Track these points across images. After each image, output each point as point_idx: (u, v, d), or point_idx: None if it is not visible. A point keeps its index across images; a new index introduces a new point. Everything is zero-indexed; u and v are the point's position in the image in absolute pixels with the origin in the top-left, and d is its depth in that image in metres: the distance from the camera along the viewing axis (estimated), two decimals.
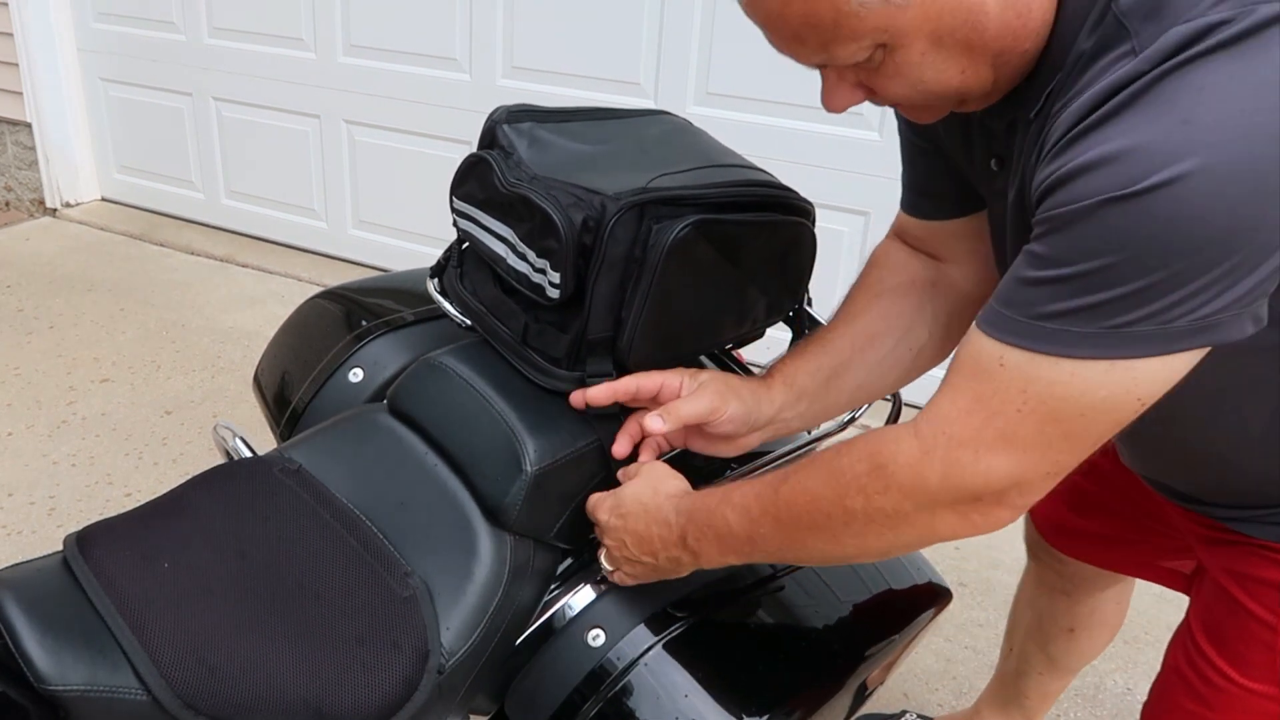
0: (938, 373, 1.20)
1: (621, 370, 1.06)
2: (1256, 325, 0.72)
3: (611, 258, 0.99)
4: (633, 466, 1.07)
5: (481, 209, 1.10)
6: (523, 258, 1.04)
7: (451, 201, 1.14)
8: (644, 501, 1.01)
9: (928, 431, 0.81)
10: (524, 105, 1.15)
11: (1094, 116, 0.71)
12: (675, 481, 1.03)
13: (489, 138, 1.12)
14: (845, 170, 2.74)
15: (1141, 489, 1.19)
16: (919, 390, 1.15)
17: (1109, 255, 0.69)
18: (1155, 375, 0.73)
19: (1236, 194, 0.65)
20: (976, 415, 0.78)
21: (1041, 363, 0.74)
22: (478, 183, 1.10)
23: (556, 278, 1.00)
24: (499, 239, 1.07)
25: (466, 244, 1.17)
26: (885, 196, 2.86)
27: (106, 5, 3.87)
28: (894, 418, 1.28)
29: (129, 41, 3.89)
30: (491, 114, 1.13)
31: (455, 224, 1.15)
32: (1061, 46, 0.78)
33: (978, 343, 0.79)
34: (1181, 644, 1.10)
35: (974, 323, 0.80)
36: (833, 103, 0.85)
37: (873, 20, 0.74)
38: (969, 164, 0.98)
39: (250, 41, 3.63)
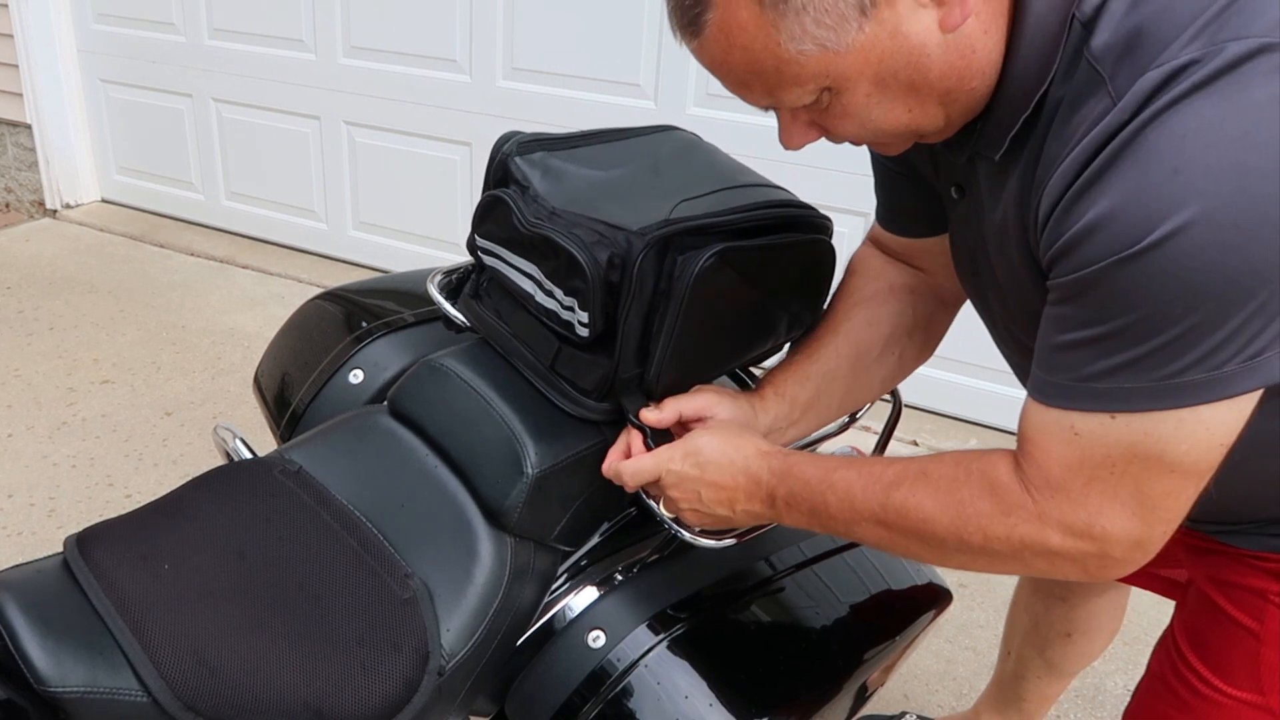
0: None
1: (648, 397, 1.06)
2: None
3: (639, 294, 0.99)
4: (645, 412, 1.05)
5: (504, 246, 1.09)
6: (550, 295, 1.04)
7: (474, 239, 1.14)
8: (728, 454, 0.98)
9: (1039, 494, 0.80)
10: (532, 135, 1.14)
11: (1086, 175, 0.71)
12: (753, 436, 1.02)
13: (501, 172, 1.12)
14: (844, 171, 2.73)
15: None
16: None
17: (1133, 312, 0.70)
18: (1225, 420, 0.73)
19: (1240, 236, 0.66)
20: (1078, 479, 0.78)
21: (1111, 426, 0.75)
22: (497, 222, 1.09)
23: (585, 317, 1.00)
24: (525, 275, 1.07)
25: (485, 269, 1.17)
26: None
27: (106, 7, 3.88)
28: (894, 417, 1.29)
29: (129, 43, 3.89)
30: (500, 146, 1.13)
31: (480, 261, 1.15)
32: (1021, 86, 0.78)
33: (1041, 415, 0.80)
34: (1165, 650, 1.11)
35: (1027, 396, 0.81)
36: (789, 141, 0.87)
37: (813, 66, 0.76)
38: (937, 185, 1.00)
39: (250, 43, 3.63)
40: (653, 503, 1.06)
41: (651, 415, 1.04)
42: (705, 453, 0.99)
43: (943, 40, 0.76)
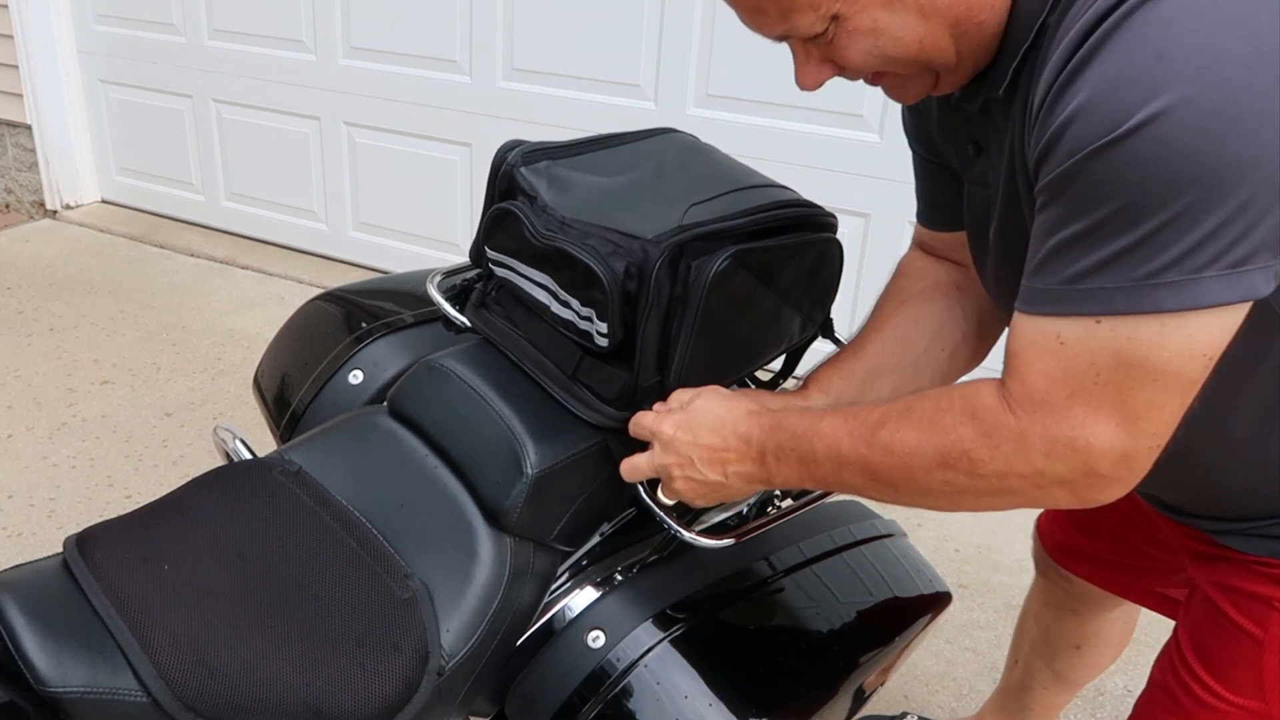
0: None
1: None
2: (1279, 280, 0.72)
3: (657, 302, 0.99)
4: (682, 392, 1.05)
5: (516, 258, 1.09)
6: (566, 305, 1.04)
7: (484, 252, 1.14)
8: (718, 414, 0.98)
9: (1022, 411, 0.79)
10: (535, 144, 1.14)
11: (1072, 64, 0.71)
12: (744, 398, 1.01)
13: (507, 183, 1.11)
14: (845, 172, 2.74)
15: (1140, 510, 1.19)
16: None
17: (1112, 202, 0.69)
18: (1209, 330, 0.72)
19: (1220, 125, 0.65)
20: (1061, 390, 0.77)
21: (1095, 331, 0.74)
22: (507, 234, 1.09)
23: (604, 327, 1.00)
24: (540, 287, 1.07)
25: (492, 277, 1.17)
26: (885, 198, 2.86)
27: (106, 7, 3.88)
28: None
29: (129, 43, 3.89)
30: (503, 156, 1.12)
31: (492, 272, 1.15)
32: (1025, 20, 0.78)
33: (1028, 324, 0.79)
34: (1168, 660, 1.11)
35: (1015, 308, 0.80)
36: (804, 79, 0.88)
37: None
38: (957, 157, 0.99)
39: (250, 43, 3.64)
40: (651, 503, 1.06)
41: None
42: (696, 417, 0.99)
43: None
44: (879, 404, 0.90)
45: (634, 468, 1.04)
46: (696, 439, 0.98)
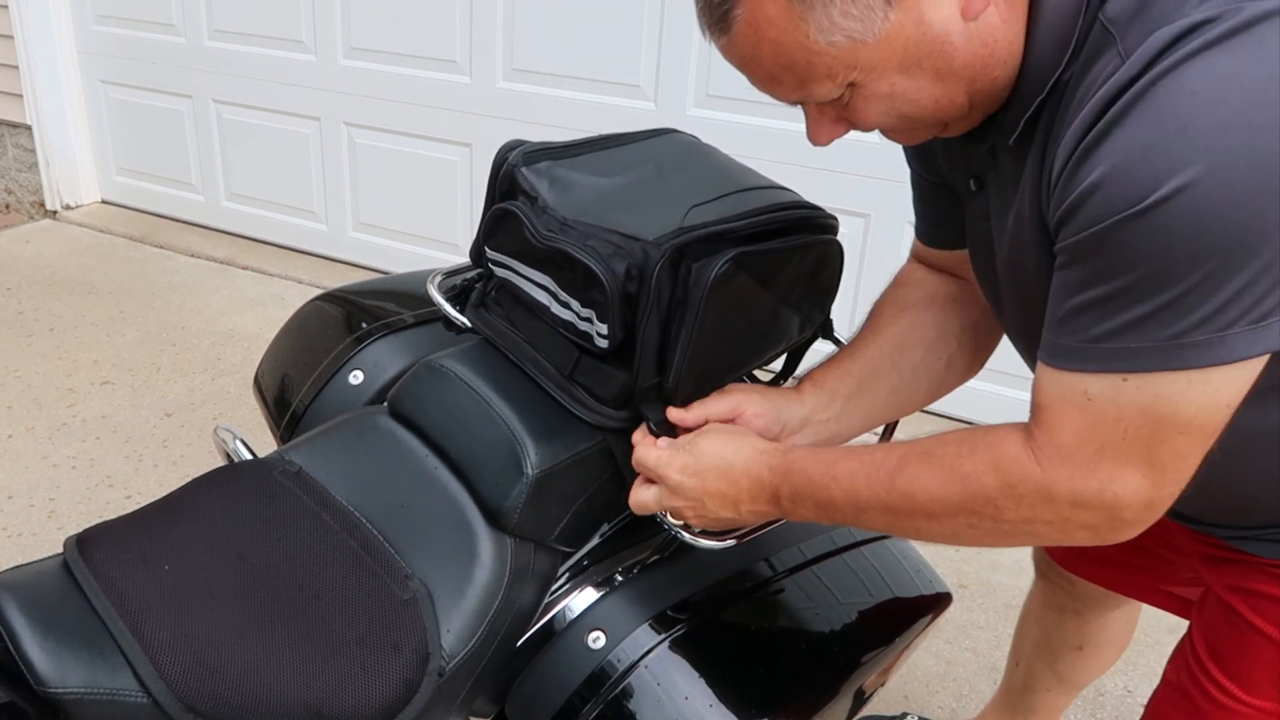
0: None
1: (667, 404, 1.06)
2: None
3: (657, 304, 0.99)
4: (672, 411, 1.05)
5: (516, 259, 1.09)
6: (566, 306, 1.04)
7: (483, 251, 1.14)
8: (725, 458, 0.98)
9: (1050, 464, 0.80)
10: (535, 144, 1.14)
11: (1094, 132, 0.71)
12: (751, 438, 1.01)
13: (508, 183, 1.11)
14: (845, 172, 2.73)
15: None
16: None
17: (1138, 270, 0.70)
18: (1233, 383, 0.74)
19: (1245, 196, 0.66)
20: (1090, 446, 0.78)
21: (1123, 388, 0.75)
22: (508, 235, 1.09)
23: (604, 328, 1.00)
24: (540, 288, 1.07)
25: (492, 277, 1.17)
26: (885, 198, 2.86)
27: (106, 7, 3.88)
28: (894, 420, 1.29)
29: (129, 44, 3.89)
30: (504, 156, 1.12)
31: (492, 272, 1.15)
32: (1038, 74, 0.80)
33: (1054, 379, 0.80)
34: (1183, 660, 1.10)
35: (1039, 363, 0.81)
36: (817, 137, 0.88)
37: (843, 57, 0.78)
38: (960, 185, 1.00)
39: (250, 44, 3.64)
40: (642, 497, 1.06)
41: (676, 414, 1.04)
42: (703, 461, 0.99)
43: (965, 29, 0.77)
44: (893, 446, 0.90)
45: (641, 503, 1.03)
46: (705, 485, 0.99)
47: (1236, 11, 0.67)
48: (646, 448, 1.03)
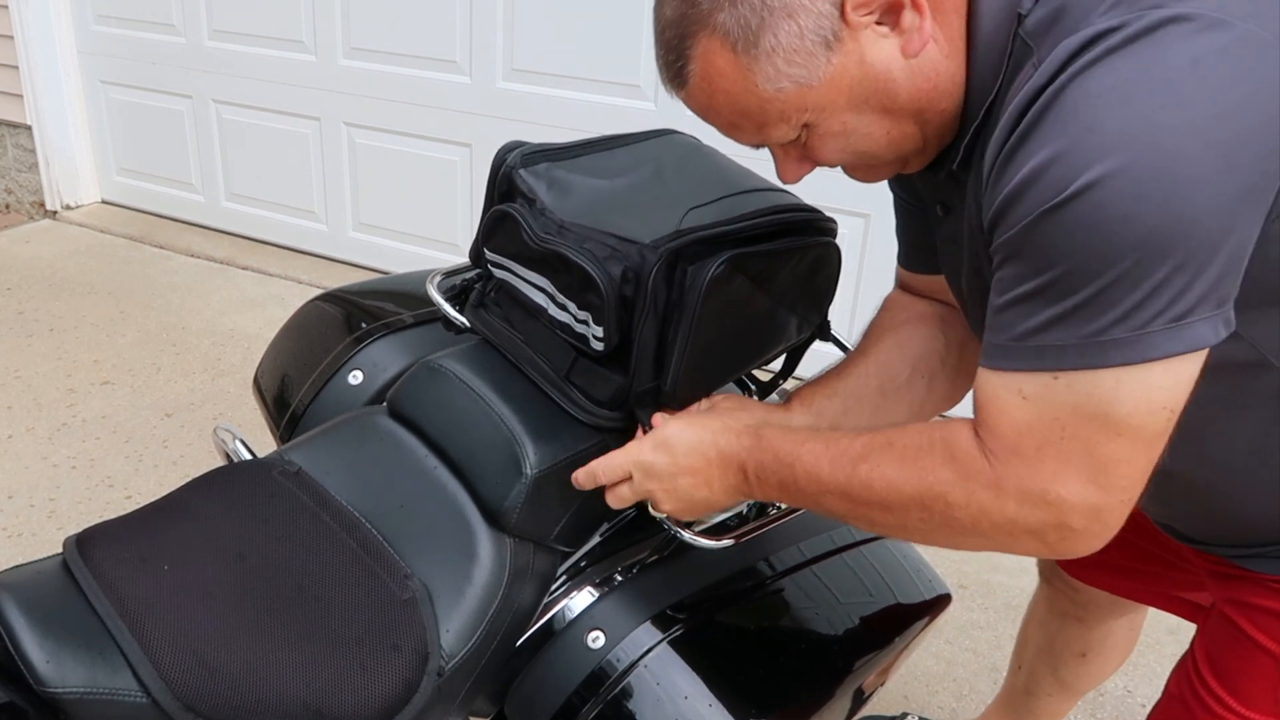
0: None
1: (662, 407, 1.06)
2: (1228, 328, 0.74)
3: (654, 307, 0.99)
4: (658, 417, 1.05)
5: (514, 260, 1.09)
6: (563, 308, 1.04)
7: (481, 252, 1.14)
8: (692, 435, 0.99)
9: (996, 460, 0.81)
10: (534, 146, 1.14)
11: (1014, 137, 0.75)
12: (720, 416, 1.02)
13: (506, 185, 1.12)
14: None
15: (1153, 526, 1.19)
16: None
17: (1058, 265, 0.73)
18: (1163, 383, 0.74)
19: (1155, 191, 0.68)
20: (1030, 442, 0.79)
21: (1054, 386, 0.76)
22: (505, 237, 1.09)
23: (600, 331, 1.00)
24: (538, 289, 1.07)
25: (491, 278, 1.17)
26: (885, 198, 2.84)
27: (106, 8, 3.88)
28: None
29: (129, 44, 3.89)
30: (502, 157, 1.13)
31: (490, 273, 1.15)
32: (978, 98, 0.83)
33: (990, 379, 0.81)
34: (1184, 673, 1.11)
35: (980, 363, 0.83)
36: (786, 176, 0.93)
37: (792, 101, 0.82)
38: (928, 209, 1.01)
39: (250, 44, 3.64)
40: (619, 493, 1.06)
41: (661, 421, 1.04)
42: (674, 439, 1.00)
43: (906, 65, 0.81)
44: (860, 433, 0.91)
45: (619, 497, 1.03)
46: (676, 461, 0.99)
47: (1139, 18, 0.70)
48: (610, 454, 1.03)
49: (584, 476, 1.03)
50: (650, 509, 1.04)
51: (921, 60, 0.81)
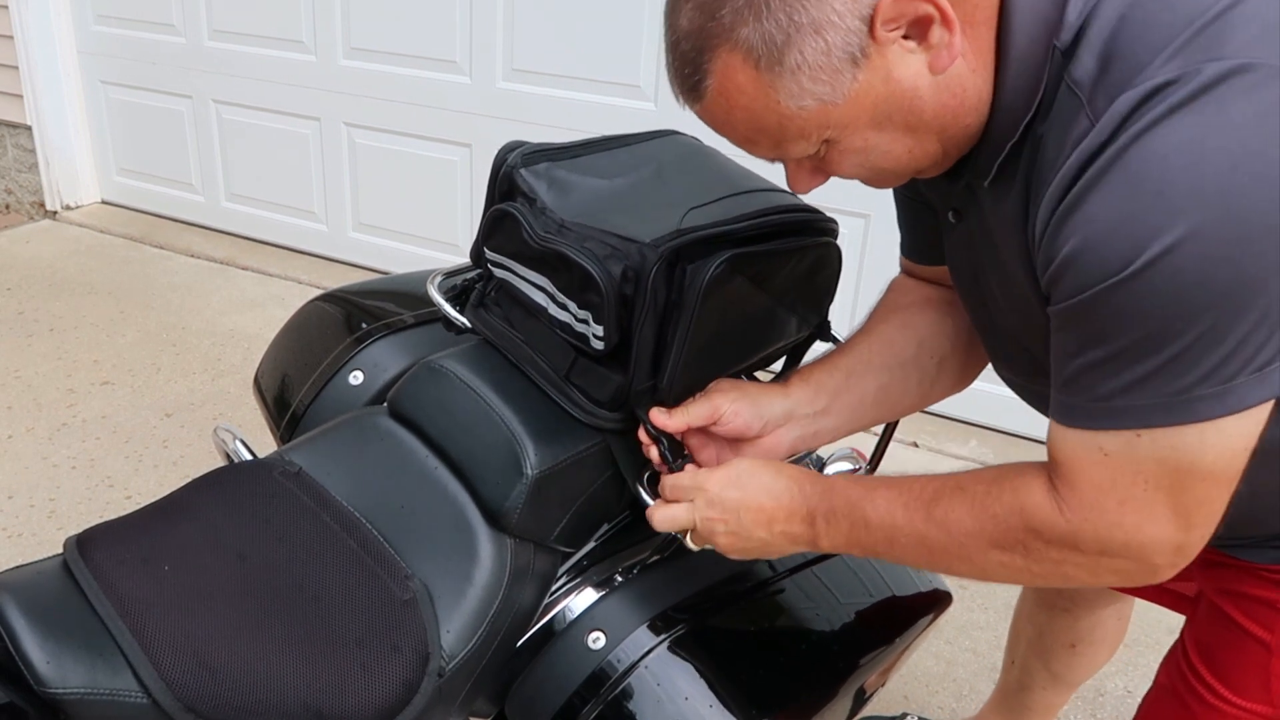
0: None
1: (659, 405, 1.06)
2: None
3: (653, 307, 0.99)
4: (655, 412, 1.04)
5: (514, 260, 1.09)
6: (563, 308, 1.04)
7: (482, 251, 1.14)
8: (769, 476, 0.98)
9: (1074, 515, 0.81)
10: (535, 145, 1.14)
11: (1070, 198, 0.73)
12: (789, 464, 1.02)
13: (507, 184, 1.11)
14: None
15: None
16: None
17: (1134, 332, 0.72)
18: (1245, 428, 0.74)
19: (1230, 252, 0.67)
20: (1112, 498, 0.79)
21: (1137, 444, 0.76)
22: (506, 236, 1.09)
23: (600, 330, 1.00)
24: (538, 289, 1.07)
25: (492, 278, 1.17)
26: (885, 198, 2.85)
27: (106, 8, 3.88)
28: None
29: (129, 44, 3.89)
30: (503, 157, 1.12)
31: (488, 271, 1.15)
32: (1009, 117, 0.80)
33: (1068, 436, 0.80)
34: (1174, 662, 1.11)
35: (1051, 420, 0.82)
36: (798, 187, 0.90)
37: (814, 119, 0.79)
38: (937, 209, 1.01)
39: (250, 44, 3.64)
40: (652, 504, 1.06)
41: (660, 418, 1.04)
42: (744, 476, 0.99)
43: (934, 81, 0.78)
44: (930, 478, 0.91)
45: (670, 518, 1.01)
46: (745, 496, 0.98)
47: (1197, 73, 0.68)
48: (680, 473, 1.02)
49: (651, 517, 1.02)
50: (688, 540, 1.02)
51: (948, 76, 0.78)
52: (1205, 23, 0.69)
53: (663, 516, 1.02)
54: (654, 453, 1.06)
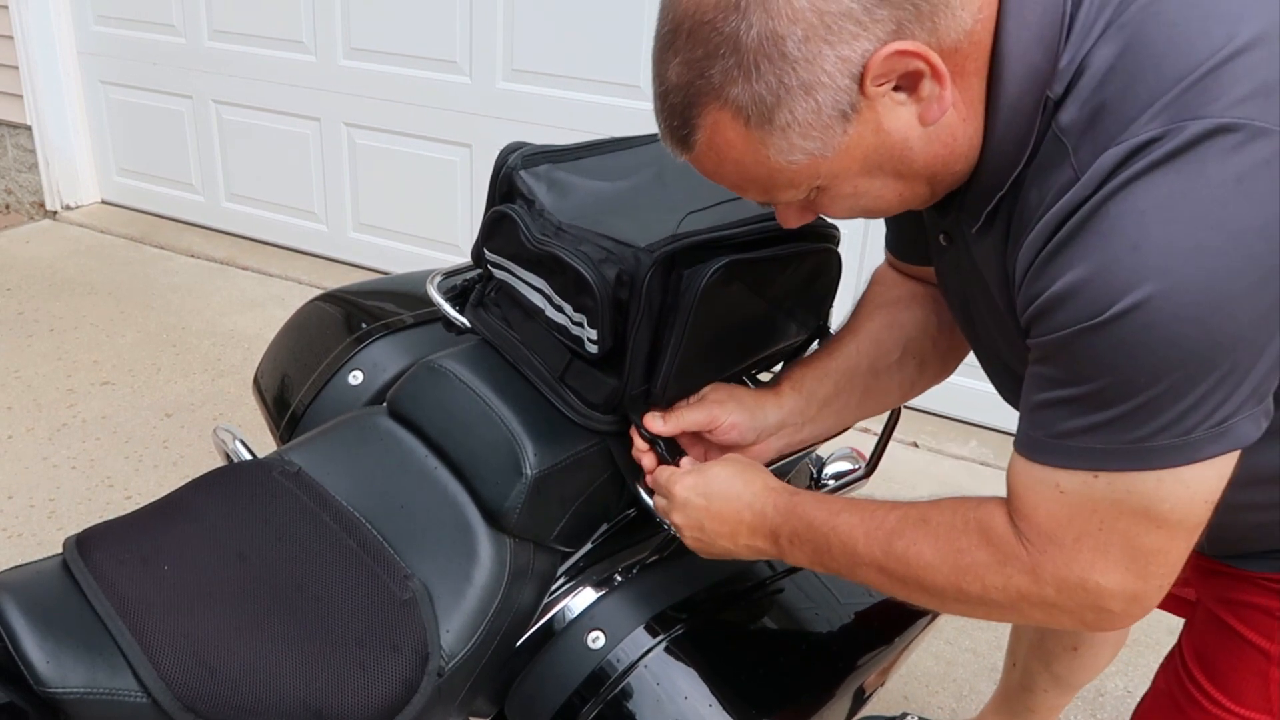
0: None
1: (653, 409, 1.06)
2: (1267, 419, 0.75)
3: (648, 311, 0.99)
4: (649, 417, 1.06)
5: (513, 261, 1.09)
6: (560, 310, 1.04)
7: (483, 254, 1.14)
8: (736, 487, 1.00)
9: (1033, 547, 0.81)
10: (536, 147, 1.14)
11: (1053, 243, 0.74)
12: (764, 474, 1.02)
13: (507, 185, 1.12)
14: None
15: None
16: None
17: (1102, 378, 0.73)
18: (1205, 478, 0.75)
19: (1200, 313, 0.68)
20: (1068, 533, 0.79)
21: (1094, 484, 0.76)
22: (504, 238, 1.09)
23: (594, 334, 1.00)
24: (536, 291, 1.07)
25: (491, 278, 1.17)
26: None
27: (106, 8, 3.88)
28: (894, 419, 1.30)
29: (129, 44, 3.89)
30: (504, 158, 1.13)
31: (490, 274, 1.15)
32: (999, 165, 0.80)
33: (1027, 469, 0.81)
34: (1172, 669, 1.11)
35: (1014, 450, 0.83)
36: (788, 223, 0.91)
37: (804, 171, 0.79)
38: (927, 228, 1.01)
39: (250, 44, 3.64)
40: (652, 505, 1.06)
41: (655, 424, 1.05)
42: (713, 485, 1.00)
43: (924, 132, 0.78)
44: (894, 507, 0.92)
45: (657, 507, 1.05)
46: (710, 506, 1.00)
47: (1180, 130, 0.69)
48: (663, 468, 1.05)
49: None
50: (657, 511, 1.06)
51: (939, 126, 0.78)
52: (1194, 80, 0.69)
53: (657, 507, 1.05)
54: (646, 460, 1.07)
